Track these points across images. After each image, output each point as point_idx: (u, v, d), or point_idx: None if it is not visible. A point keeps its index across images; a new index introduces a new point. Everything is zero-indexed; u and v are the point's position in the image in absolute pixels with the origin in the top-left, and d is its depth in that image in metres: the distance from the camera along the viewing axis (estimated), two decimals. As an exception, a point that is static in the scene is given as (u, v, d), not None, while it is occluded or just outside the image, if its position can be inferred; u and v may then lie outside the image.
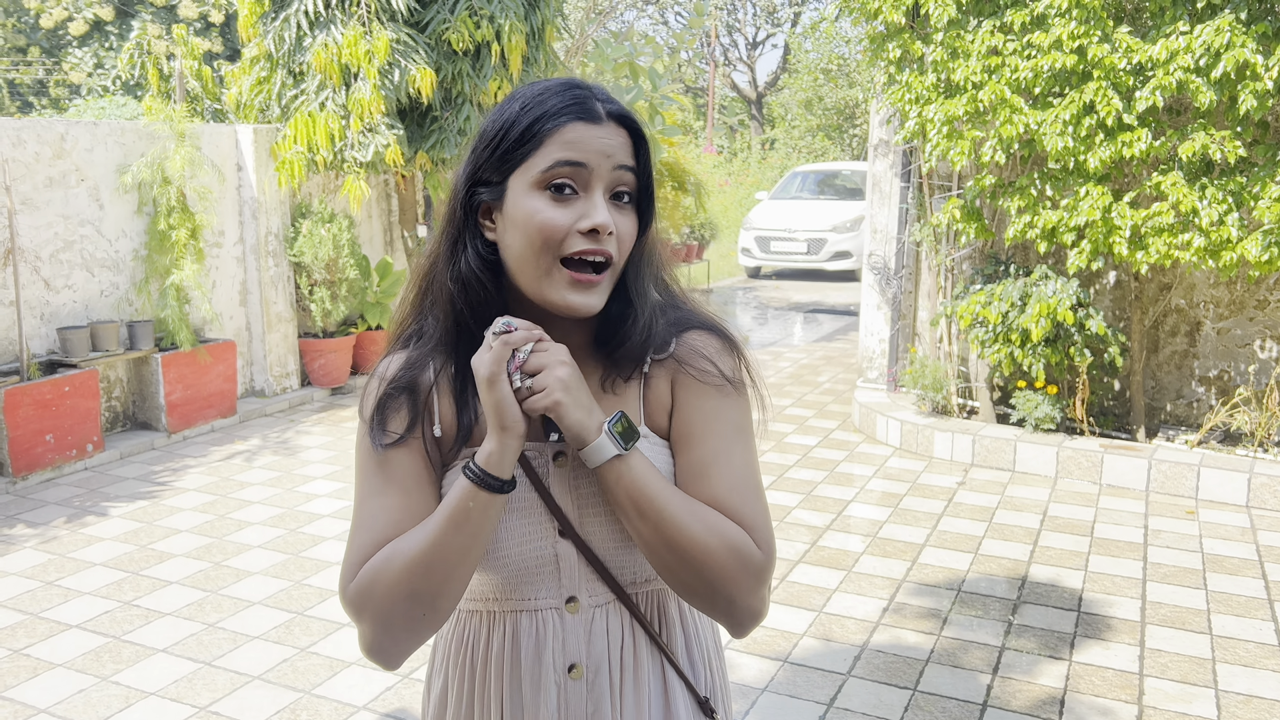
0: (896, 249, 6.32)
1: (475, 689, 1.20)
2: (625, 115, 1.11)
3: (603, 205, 1.08)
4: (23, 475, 5.04)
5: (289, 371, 6.88)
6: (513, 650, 1.17)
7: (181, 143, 5.87)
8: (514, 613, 1.17)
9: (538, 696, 1.15)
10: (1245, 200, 4.68)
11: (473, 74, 6.51)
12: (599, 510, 1.15)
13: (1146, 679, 3.23)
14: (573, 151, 1.07)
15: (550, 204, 1.07)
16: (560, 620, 1.16)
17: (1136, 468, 5.06)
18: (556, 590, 1.16)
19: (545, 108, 1.09)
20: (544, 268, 1.08)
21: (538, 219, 1.07)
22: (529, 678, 1.16)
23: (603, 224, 1.07)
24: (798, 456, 5.64)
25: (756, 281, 14.21)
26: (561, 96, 1.09)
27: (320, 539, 4.38)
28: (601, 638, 1.17)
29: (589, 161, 1.07)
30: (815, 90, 24.45)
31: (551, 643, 1.16)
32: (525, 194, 1.08)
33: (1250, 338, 5.50)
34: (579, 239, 1.07)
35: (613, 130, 1.10)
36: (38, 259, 5.40)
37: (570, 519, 1.15)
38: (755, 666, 3.29)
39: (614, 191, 1.10)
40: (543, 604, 1.16)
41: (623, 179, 1.10)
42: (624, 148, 1.10)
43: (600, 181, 1.08)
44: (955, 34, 5.17)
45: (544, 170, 1.07)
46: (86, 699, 3.09)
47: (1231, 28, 4.49)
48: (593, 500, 1.15)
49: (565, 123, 1.08)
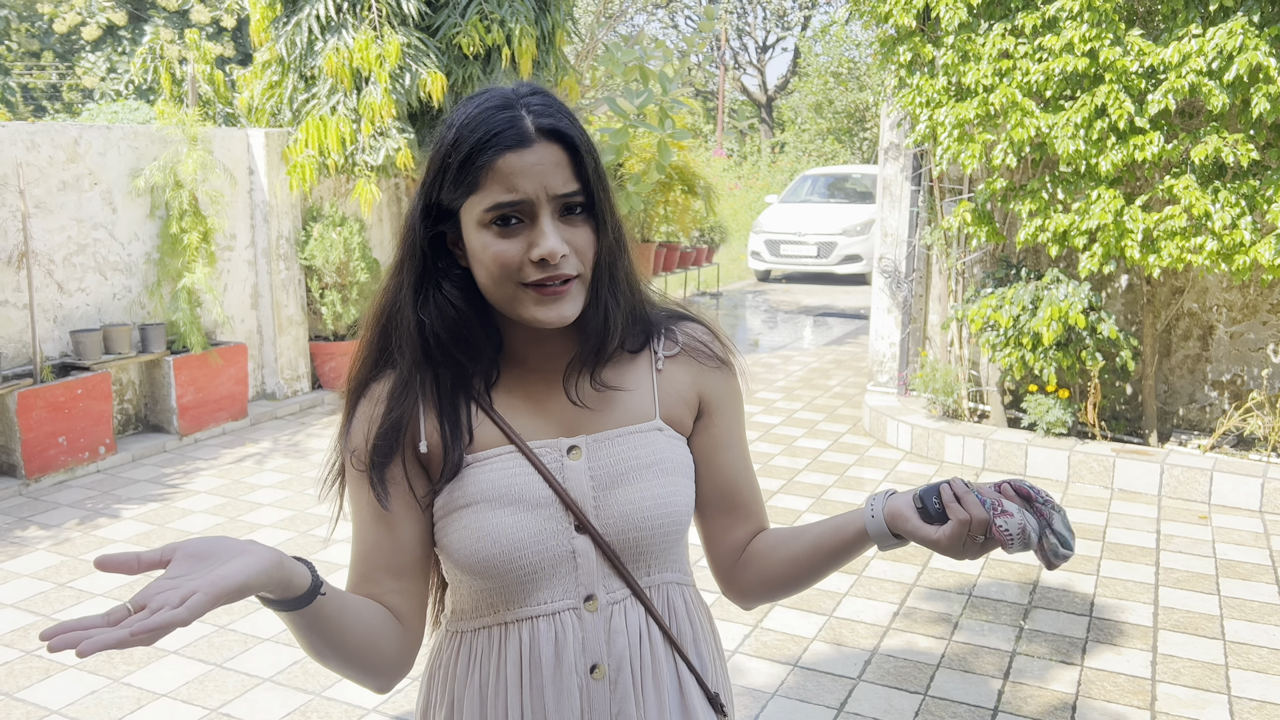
0: (907, 252, 6.30)
1: (489, 707, 1.16)
2: (558, 129, 1.07)
3: (550, 232, 1.06)
4: (35, 477, 5.06)
5: (300, 374, 6.90)
6: (530, 659, 1.14)
7: (194, 147, 5.90)
8: (530, 619, 1.14)
9: (561, 702, 1.13)
10: (1258, 203, 4.66)
11: (483, 78, 6.53)
12: (609, 501, 1.15)
13: (1159, 684, 3.22)
14: (509, 191, 1.05)
15: (498, 239, 1.07)
16: (579, 620, 1.15)
17: (1149, 472, 5.03)
18: (574, 589, 1.15)
19: (475, 139, 1.06)
20: (509, 294, 1.09)
21: (489, 253, 1.07)
22: (550, 685, 1.13)
23: (550, 252, 1.06)
24: (808, 460, 5.63)
25: (766, 285, 14.20)
26: (489, 124, 1.06)
27: (331, 541, 4.39)
28: (621, 635, 1.16)
29: (528, 195, 1.06)
30: (825, 94, 24.43)
31: (572, 644, 1.14)
32: (475, 231, 1.09)
33: (1263, 341, 5.47)
34: (533, 268, 1.07)
35: (544, 150, 1.06)
36: (51, 262, 5.43)
37: (587, 513, 1.14)
38: (765, 671, 3.28)
39: (562, 210, 1.09)
40: (560, 605, 1.14)
41: (568, 200, 1.08)
42: (561, 168, 1.07)
43: (544, 209, 1.07)
44: (966, 37, 5.16)
45: (485, 210, 1.07)
46: (98, 700, 3.10)
47: (1244, 30, 4.47)
48: (610, 489, 1.15)
49: (495, 156, 1.05)
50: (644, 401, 1.20)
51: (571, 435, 1.17)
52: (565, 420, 1.17)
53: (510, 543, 1.11)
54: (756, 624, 3.61)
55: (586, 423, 1.18)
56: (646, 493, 1.16)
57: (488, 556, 1.11)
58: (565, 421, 1.17)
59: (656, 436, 1.19)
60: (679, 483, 1.19)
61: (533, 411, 1.17)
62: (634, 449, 1.17)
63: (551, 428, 1.17)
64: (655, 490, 1.16)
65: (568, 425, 1.17)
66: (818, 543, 1.21)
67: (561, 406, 1.18)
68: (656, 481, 1.17)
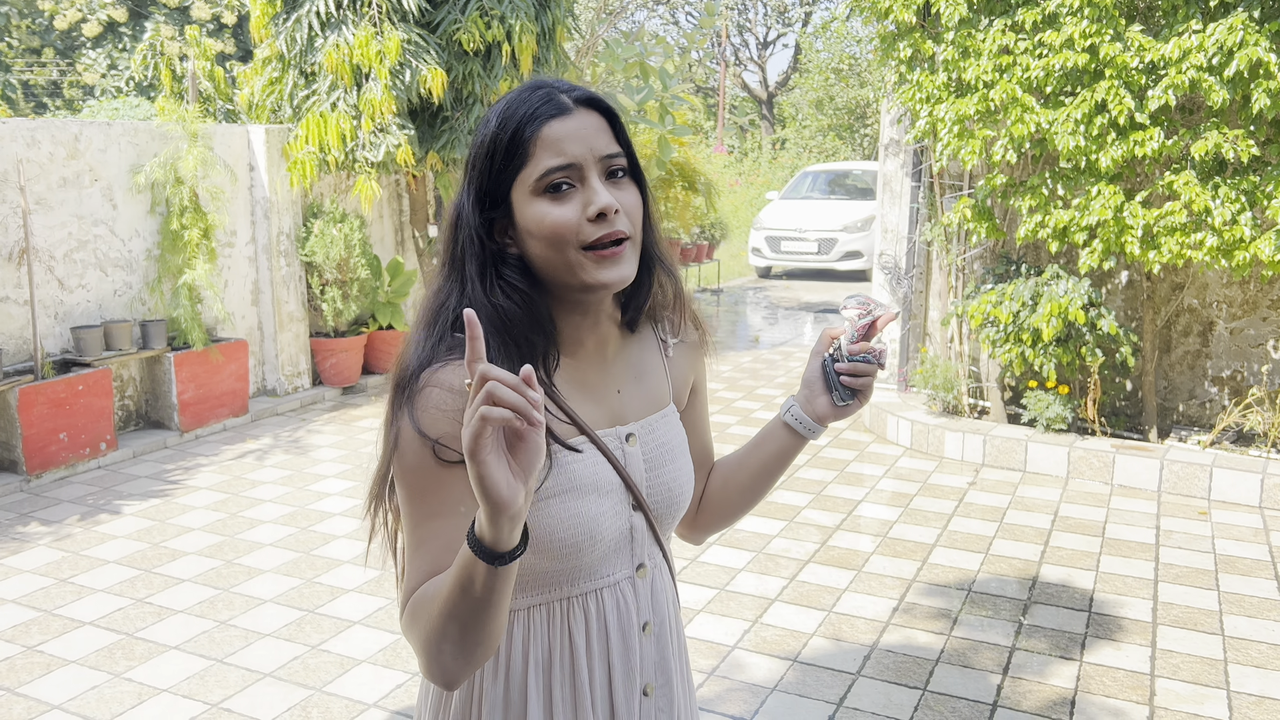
0: (907, 248, 6.30)
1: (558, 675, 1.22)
2: (592, 98, 1.16)
3: (602, 189, 1.12)
4: (37, 473, 5.07)
5: (300, 371, 6.91)
6: (599, 626, 1.23)
7: (194, 143, 5.90)
8: (595, 591, 1.23)
9: (628, 660, 1.25)
10: (1258, 199, 4.66)
11: (484, 74, 6.53)
12: (657, 481, 1.27)
13: (1158, 680, 3.22)
14: (559, 155, 1.12)
15: (553, 205, 1.12)
16: (633, 587, 1.26)
17: (1148, 468, 5.04)
18: (629, 560, 1.26)
19: (519, 117, 1.13)
20: (570, 261, 1.13)
21: (548, 222, 1.12)
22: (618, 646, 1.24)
23: (607, 205, 1.11)
24: (808, 456, 5.63)
25: (767, 281, 14.20)
26: (529, 101, 1.14)
27: (331, 537, 4.40)
28: (661, 594, 1.30)
29: (577, 159, 1.12)
30: (826, 90, 24.41)
31: (632, 609, 1.26)
32: (529, 203, 1.13)
33: (1263, 337, 5.47)
34: (591, 227, 1.12)
35: (585, 117, 1.14)
36: (52, 258, 5.43)
37: (641, 493, 1.25)
38: (765, 666, 3.29)
39: (608, 173, 1.15)
40: (620, 576, 1.25)
41: (612, 162, 1.15)
42: (602, 131, 1.15)
43: (592, 170, 1.13)
44: (966, 33, 5.16)
45: (538, 179, 1.12)
46: (99, 695, 3.11)
47: (1245, 26, 4.46)
48: (657, 470, 1.27)
49: (540, 126, 1.12)
50: (661, 386, 1.32)
51: (623, 423, 1.26)
52: (613, 407, 1.26)
53: (595, 527, 1.19)
54: (756, 619, 3.62)
55: (630, 409, 1.27)
56: (680, 472, 1.30)
57: (576, 541, 1.17)
58: (613, 408, 1.26)
59: (674, 419, 1.33)
60: (689, 460, 1.34)
61: (588, 399, 1.23)
62: (667, 433, 1.30)
63: (605, 415, 1.24)
64: (684, 468, 1.31)
65: (616, 411, 1.26)
66: (765, 468, 1.38)
67: (609, 393, 1.26)
68: (683, 460, 1.31)
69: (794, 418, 1.34)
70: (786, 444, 1.35)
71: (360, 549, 4.26)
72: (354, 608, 3.72)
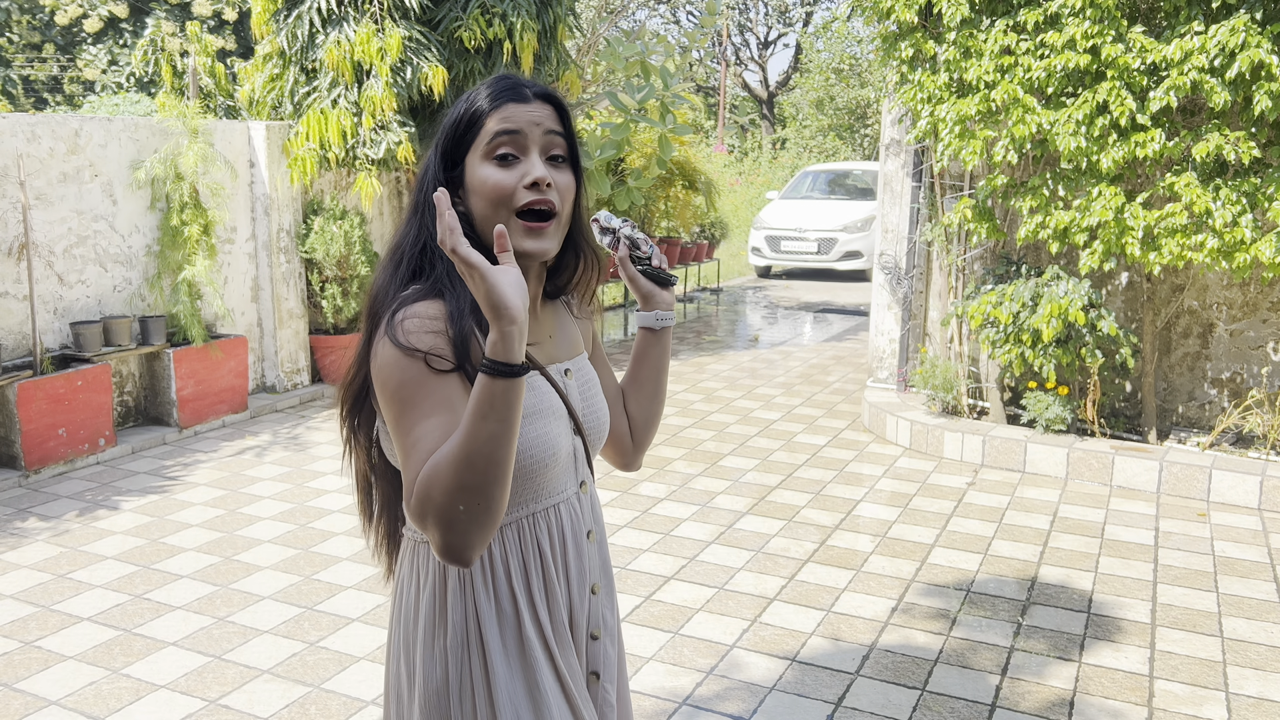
0: (907, 249, 6.30)
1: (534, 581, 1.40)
2: (550, 94, 1.38)
3: (539, 163, 1.33)
4: (35, 469, 5.07)
5: (300, 367, 6.90)
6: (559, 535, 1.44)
7: (195, 139, 5.89)
8: (554, 505, 1.43)
9: (582, 563, 1.47)
10: (1259, 201, 4.66)
11: (484, 72, 6.52)
12: (589, 409, 1.50)
13: (1156, 681, 3.22)
14: (508, 123, 1.32)
15: (497, 169, 1.32)
16: (579, 501, 1.48)
17: (1148, 469, 5.04)
18: (574, 478, 1.47)
19: (484, 96, 1.35)
20: (502, 221, 1.31)
21: (490, 182, 1.32)
22: (573, 551, 1.45)
23: (541, 176, 1.31)
24: (807, 456, 5.63)
25: (767, 281, 14.20)
26: (495, 86, 1.36)
27: (330, 534, 4.39)
28: (598, 506, 1.54)
29: (522, 129, 1.33)
30: (827, 90, 24.40)
31: (581, 519, 1.48)
32: (478, 166, 1.33)
33: (1263, 340, 5.47)
34: (525, 193, 1.31)
35: (539, 106, 1.35)
36: (51, 254, 5.43)
37: (579, 420, 1.46)
38: (763, 665, 3.29)
39: (549, 154, 1.35)
40: (569, 491, 1.46)
41: (554, 142, 1.35)
42: (551, 117, 1.35)
43: (535, 145, 1.33)
44: (968, 33, 5.15)
45: (488, 143, 1.33)
46: (97, 691, 3.11)
47: (1246, 28, 4.46)
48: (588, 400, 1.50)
49: (500, 104, 1.34)
50: (576, 335, 1.55)
51: (558, 362, 1.48)
52: (549, 349, 1.47)
53: (555, 446, 1.38)
54: (754, 619, 3.62)
55: (560, 351, 1.49)
56: (604, 403, 1.53)
57: (543, 458, 1.36)
58: (549, 350, 1.47)
59: (590, 361, 1.57)
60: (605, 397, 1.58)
61: (530, 342, 1.41)
62: (591, 371, 1.54)
63: (544, 355, 1.45)
64: (604, 401, 1.54)
65: (551, 353, 1.47)
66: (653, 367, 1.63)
67: (543, 338, 1.46)
68: (603, 396, 1.55)
69: (641, 319, 1.61)
70: (650, 339, 1.61)
71: (359, 546, 4.26)
72: (352, 605, 3.71)
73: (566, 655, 1.43)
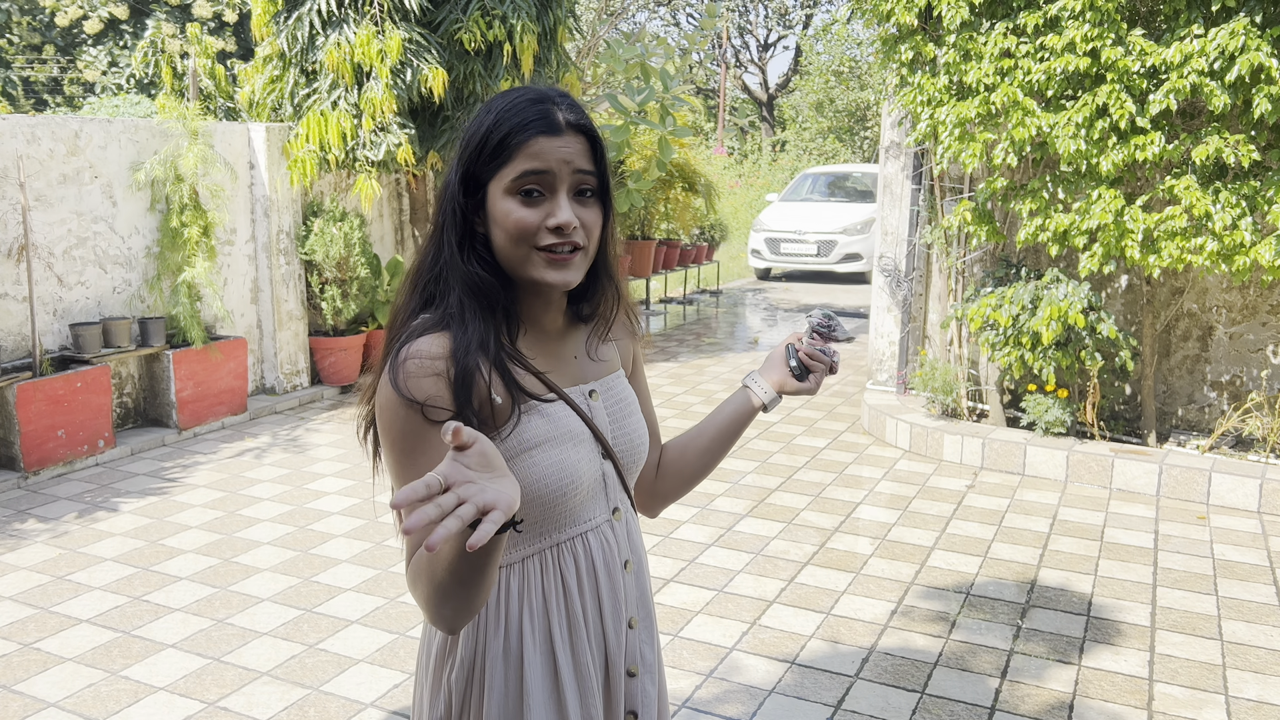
0: (907, 251, 6.30)
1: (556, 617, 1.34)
2: (583, 125, 1.28)
3: (566, 205, 1.25)
4: (34, 470, 5.06)
5: (299, 369, 6.90)
6: (588, 566, 1.37)
7: (194, 141, 5.89)
8: (581, 535, 1.36)
9: (615, 595, 1.39)
10: (1259, 204, 4.66)
11: (484, 74, 6.52)
12: (620, 431, 1.42)
13: (1156, 684, 3.22)
14: (537, 162, 1.24)
15: (521, 206, 1.25)
16: (612, 529, 1.41)
17: (1147, 472, 5.04)
18: (605, 505, 1.40)
19: (513, 123, 1.26)
20: (523, 255, 1.27)
21: (513, 217, 1.25)
22: (606, 583, 1.38)
23: (566, 222, 1.25)
24: (807, 458, 5.63)
25: (766, 283, 14.20)
26: (527, 112, 1.26)
27: (329, 536, 4.39)
28: (636, 534, 1.46)
29: (551, 168, 1.25)
30: (826, 92, 24.41)
31: (614, 548, 1.40)
32: (501, 198, 1.26)
33: (1263, 342, 5.47)
34: (548, 234, 1.25)
35: (572, 139, 1.27)
36: (51, 255, 5.42)
37: (608, 443, 1.39)
38: (762, 668, 3.28)
39: (577, 190, 1.28)
40: (600, 519, 1.39)
41: (583, 180, 1.28)
42: (583, 154, 1.27)
43: (563, 184, 1.26)
44: (968, 36, 5.16)
45: (513, 179, 1.25)
46: (96, 693, 3.10)
47: (1246, 31, 4.46)
48: (620, 422, 1.42)
49: (530, 137, 1.25)
50: (609, 355, 1.48)
51: (584, 382, 1.40)
52: (573, 370, 1.40)
53: (574, 472, 1.32)
54: (754, 621, 3.62)
55: (588, 371, 1.42)
56: (639, 425, 1.46)
57: (560, 486, 1.30)
58: (574, 371, 1.40)
59: (627, 381, 1.50)
60: (643, 418, 1.51)
61: (551, 363, 1.37)
62: (623, 390, 1.46)
63: (567, 376, 1.38)
64: (641, 422, 1.47)
65: (576, 373, 1.40)
66: (723, 432, 1.56)
67: (568, 359, 1.40)
68: (639, 416, 1.47)
69: (753, 381, 1.55)
70: (743, 408, 1.54)
71: (358, 548, 4.25)
72: (351, 607, 3.71)
73: (586, 697, 1.36)
